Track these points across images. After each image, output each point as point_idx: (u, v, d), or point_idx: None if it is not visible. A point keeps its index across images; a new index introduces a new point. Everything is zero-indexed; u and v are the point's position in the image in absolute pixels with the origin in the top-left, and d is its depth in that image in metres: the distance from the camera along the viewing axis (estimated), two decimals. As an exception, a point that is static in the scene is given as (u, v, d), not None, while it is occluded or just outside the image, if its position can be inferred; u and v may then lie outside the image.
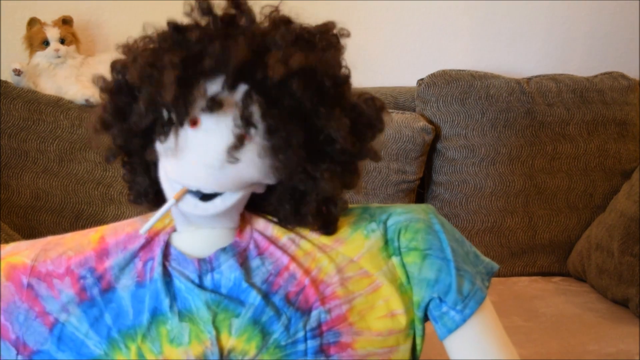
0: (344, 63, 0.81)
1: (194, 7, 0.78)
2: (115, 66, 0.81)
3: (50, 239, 0.87)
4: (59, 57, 1.78)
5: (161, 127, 0.76)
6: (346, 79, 0.80)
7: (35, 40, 1.78)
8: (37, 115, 1.70)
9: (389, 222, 0.84)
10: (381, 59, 2.07)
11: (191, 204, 0.76)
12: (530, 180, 1.84)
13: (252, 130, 0.75)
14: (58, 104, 1.73)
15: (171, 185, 0.77)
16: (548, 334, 1.43)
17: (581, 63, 2.12)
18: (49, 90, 1.77)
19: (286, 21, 0.80)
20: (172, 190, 0.77)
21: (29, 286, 0.81)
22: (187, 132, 0.76)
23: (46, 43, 1.77)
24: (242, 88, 0.75)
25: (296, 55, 0.74)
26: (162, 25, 0.81)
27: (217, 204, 0.77)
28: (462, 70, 1.89)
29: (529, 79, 1.92)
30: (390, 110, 1.85)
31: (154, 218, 0.78)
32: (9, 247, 0.85)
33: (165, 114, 0.76)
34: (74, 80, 1.77)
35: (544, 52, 2.11)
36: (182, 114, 0.74)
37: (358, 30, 2.03)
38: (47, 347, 0.80)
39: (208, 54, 0.74)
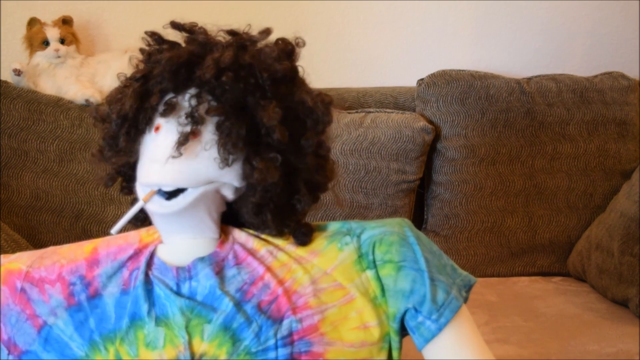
0: (291, 63, 0.85)
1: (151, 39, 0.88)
2: (107, 99, 0.89)
3: (49, 248, 0.92)
4: (59, 57, 1.78)
5: (125, 135, 0.83)
6: (285, 74, 0.83)
7: (35, 40, 1.78)
8: (37, 115, 1.70)
9: (363, 236, 0.86)
10: (381, 59, 2.07)
11: (157, 203, 0.81)
12: (530, 180, 1.84)
13: (201, 127, 0.80)
14: (58, 104, 1.73)
15: (142, 189, 0.83)
16: (548, 334, 1.43)
17: (581, 63, 2.12)
18: (49, 90, 1.77)
19: (232, 32, 0.86)
20: (142, 193, 0.82)
21: (22, 290, 0.86)
22: (151, 136, 0.82)
23: (46, 43, 1.77)
24: (192, 91, 0.81)
25: (227, 53, 0.80)
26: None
27: (179, 201, 0.80)
28: (462, 70, 1.89)
29: (529, 79, 1.92)
30: (390, 110, 1.86)
31: (124, 219, 0.83)
32: (13, 256, 0.91)
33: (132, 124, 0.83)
34: (74, 80, 1.77)
35: (544, 52, 2.11)
36: (144, 121, 0.82)
37: (358, 30, 2.05)
38: (35, 347, 0.84)
39: (157, 63, 0.82)
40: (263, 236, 0.88)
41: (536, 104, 1.86)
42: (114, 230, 0.83)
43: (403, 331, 0.85)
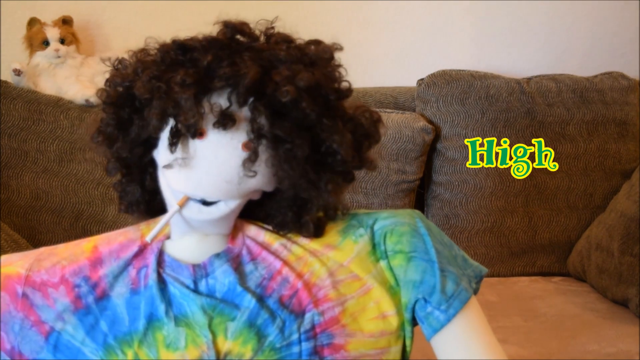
0: (343, 76, 0.85)
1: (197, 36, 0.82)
2: (114, 80, 0.84)
3: (43, 249, 0.88)
4: (59, 57, 1.78)
5: (171, 138, 0.78)
6: (348, 92, 0.85)
7: (35, 40, 1.78)
8: (37, 115, 1.70)
9: (376, 227, 0.86)
10: (381, 59, 2.07)
11: (195, 209, 0.79)
12: (530, 180, 1.84)
13: (263, 142, 0.78)
14: (58, 104, 1.73)
15: (174, 192, 0.80)
16: (548, 334, 1.43)
17: (581, 63, 2.12)
18: (49, 90, 1.77)
19: (285, 38, 0.84)
20: (175, 198, 0.79)
21: (24, 295, 0.82)
22: (195, 143, 0.79)
23: (46, 43, 1.77)
24: (248, 101, 0.78)
25: (303, 73, 0.77)
26: (159, 36, 0.84)
27: (221, 208, 0.79)
28: (462, 70, 1.89)
29: (529, 79, 1.92)
30: (390, 110, 1.86)
31: (159, 225, 0.80)
32: (1, 259, 0.86)
33: (172, 124, 0.79)
34: (74, 80, 1.77)
35: (544, 52, 2.11)
36: (193, 127, 0.77)
37: (358, 30, 2.05)
38: (43, 355, 0.81)
39: (219, 75, 0.77)
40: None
41: (536, 104, 1.86)
42: (149, 238, 0.80)
43: (414, 321, 0.85)
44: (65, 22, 1.82)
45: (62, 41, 1.79)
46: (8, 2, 1.89)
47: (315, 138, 0.81)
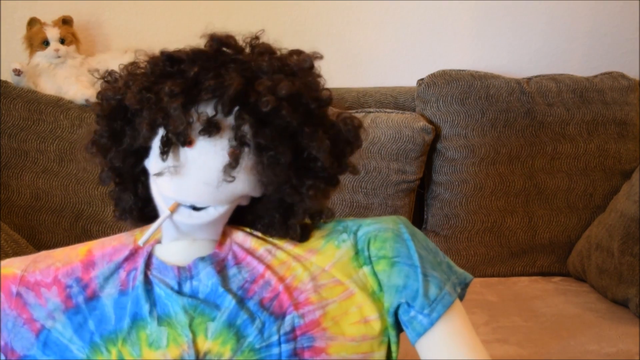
0: (323, 85, 0.87)
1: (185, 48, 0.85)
2: (105, 93, 0.86)
3: (41, 253, 0.92)
4: (59, 57, 1.78)
5: (162, 147, 0.81)
6: (329, 100, 0.87)
7: (35, 40, 1.78)
8: (37, 115, 1.70)
9: (359, 233, 0.88)
10: (381, 59, 2.07)
11: (185, 214, 0.82)
12: (530, 180, 1.84)
13: (245, 149, 0.81)
14: (58, 104, 1.73)
15: (164, 199, 0.82)
16: (548, 334, 1.43)
17: (581, 63, 2.12)
18: (49, 90, 1.77)
19: (268, 49, 0.86)
20: (166, 204, 0.82)
21: (18, 294, 0.86)
22: (184, 151, 0.82)
23: (46, 43, 1.77)
24: (233, 110, 0.81)
25: (284, 83, 0.80)
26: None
27: (210, 213, 0.83)
28: (462, 70, 1.89)
29: (529, 79, 1.92)
30: (390, 110, 1.86)
31: (151, 229, 0.83)
32: (3, 262, 0.90)
33: (163, 134, 0.81)
34: (74, 80, 1.77)
35: (544, 52, 2.11)
36: (182, 136, 0.80)
37: (358, 30, 2.05)
38: (33, 352, 0.84)
39: (205, 87, 0.80)
40: (260, 234, 0.89)
41: (536, 104, 1.86)
42: (141, 242, 0.83)
43: (400, 326, 0.86)
44: (65, 22, 1.82)
45: (62, 41, 1.79)
46: (8, 2, 1.89)
47: (298, 145, 0.83)
